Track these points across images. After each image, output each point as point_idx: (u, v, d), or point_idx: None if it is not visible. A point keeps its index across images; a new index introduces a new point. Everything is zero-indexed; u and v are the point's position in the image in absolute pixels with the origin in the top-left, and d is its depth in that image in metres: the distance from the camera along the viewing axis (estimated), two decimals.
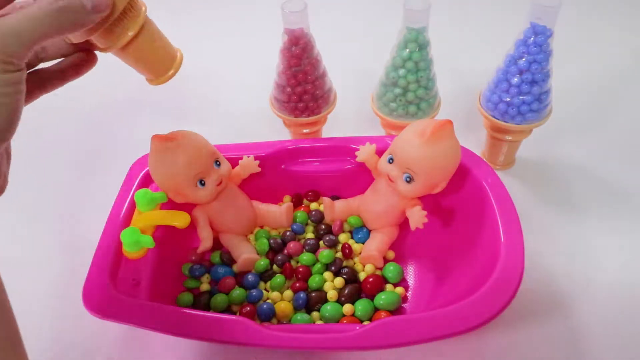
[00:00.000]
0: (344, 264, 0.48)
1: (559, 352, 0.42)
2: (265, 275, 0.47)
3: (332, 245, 0.49)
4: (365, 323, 0.40)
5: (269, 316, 0.44)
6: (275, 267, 0.48)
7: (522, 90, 0.48)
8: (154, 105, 0.73)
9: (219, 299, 0.45)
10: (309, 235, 0.50)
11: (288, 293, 0.46)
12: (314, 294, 0.45)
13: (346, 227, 0.51)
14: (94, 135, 0.70)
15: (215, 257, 0.49)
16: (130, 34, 0.30)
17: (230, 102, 0.72)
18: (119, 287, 0.40)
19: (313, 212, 0.51)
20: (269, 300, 0.45)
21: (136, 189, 0.47)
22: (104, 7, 0.27)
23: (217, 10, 0.91)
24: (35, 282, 0.50)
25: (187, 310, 0.38)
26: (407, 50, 0.49)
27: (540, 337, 0.43)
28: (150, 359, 0.44)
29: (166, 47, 0.33)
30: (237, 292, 0.45)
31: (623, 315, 0.44)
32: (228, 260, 0.48)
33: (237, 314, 0.44)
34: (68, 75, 0.33)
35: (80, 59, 0.33)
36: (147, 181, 0.48)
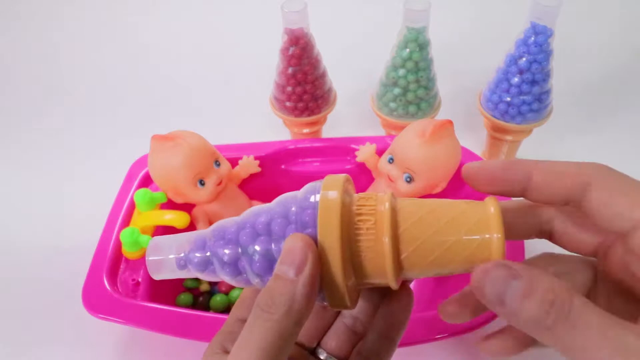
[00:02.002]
0: None
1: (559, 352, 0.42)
2: None
3: None
4: None
5: None
6: None
7: (523, 90, 0.48)
8: (154, 105, 0.73)
9: (219, 299, 0.45)
10: None
11: None
12: None
13: None
14: (94, 135, 0.70)
15: None
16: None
17: (230, 102, 0.72)
18: (119, 287, 0.40)
19: None
20: None
21: (136, 189, 0.47)
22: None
23: (217, 10, 0.91)
24: (35, 282, 0.50)
25: (187, 311, 0.38)
26: (407, 50, 0.49)
27: None
28: (150, 359, 0.44)
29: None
30: (237, 292, 0.45)
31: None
32: None
33: None
34: None
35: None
36: (147, 181, 0.48)
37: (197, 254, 0.23)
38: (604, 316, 0.17)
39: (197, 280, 0.48)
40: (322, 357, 0.25)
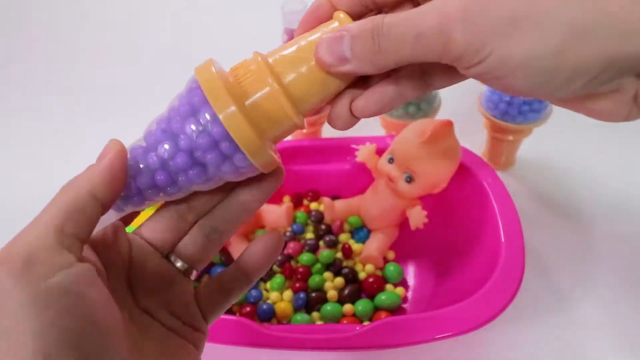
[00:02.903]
0: (344, 264, 0.48)
1: (559, 352, 0.42)
2: (265, 276, 0.47)
3: (332, 245, 0.48)
4: (365, 323, 0.40)
5: (268, 316, 0.43)
6: (275, 267, 0.48)
7: None
8: (154, 105, 0.73)
9: None
10: (309, 235, 0.50)
11: (288, 293, 0.46)
12: (314, 294, 0.45)
13: (346, 227, 0.51)
14: (93, 135, 0.70)
15: (215, 257, 0.49)
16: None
17: None
18: None
19: (313, 212, 0.51)
20: (268, 301, 0.45)
21: None
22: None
23: (217, 10, 0.91)
24: None
25: None
26: None
27: (541, 337, 0.43)
28: None
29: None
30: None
31: (623, 315, 0.44)
32: (228, 260, 0.48)
33: (237, 314, 0.44)
34: None
35: None
36: None
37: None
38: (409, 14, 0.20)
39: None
40: (177, 265, 0.25)
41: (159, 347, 0.23)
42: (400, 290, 0.46)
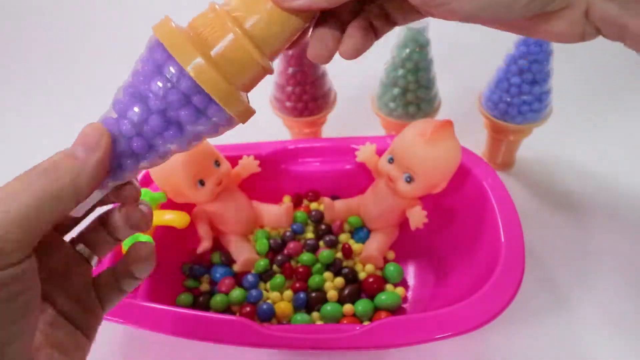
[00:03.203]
0: (344, 264, 0.48)
1: (559, 352, 0.42)
2: (265, 276, 0.47)
3: (332, 245, 0.48)
4: (365, 323, 0.40)
5: (268, 316, 0.43)
6: (275, 267, 0.48)
7: (523, 90, 0.48)
8: None
9: (219, 299, 0.45)
10: (309, 235, 0.50)
11: (288, 293, 0.46)
12: (314, 294, 0.45)
13: (346, 227, 0.51)
14: None
15: (215, 257, 0.49)
16: None
17: None
18: None
19: (313, 212, 0.51)
20: (268, 301, 0.45)
21: None
22: None
23: None
24: None
25: (187, 311, 0.38)
26: (407, 50, 0.49)
27: (540, 337, 0.43)
28: (150, 359, 0.44)
29: None
30: (237, 293, 0.45)
31: (623, 315, 0.44)
32: (228, 260, 0.48)
33: (237, 314, 0.44)
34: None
35: None
36: (147, 181, 0.48)
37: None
38: None
39: (197, 280, 0.48)
40: (78, 248, 0.25)
41: (47, 331, 0.22)
42: (400, 290, 0.46)
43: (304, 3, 0.21)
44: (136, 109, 0.21)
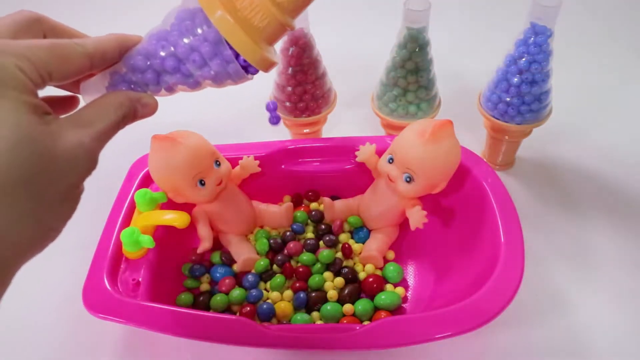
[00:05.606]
0: (344, 264, 0.48)
1: (559, 352, 0.42)
2: (265, 275, 0.47)
3: (332, 245, 0.49)
4: (365, 323, 0.40)
5: (268, 316, 0.43)
6: (275, 267, 0.48)
7: (522, 90, 0.48)
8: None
9: (219, 299, 0.45)
10: (309, 235, 0.50)
11: (288, 293, 0.46)
12: (314, 294, 0.45)
13: (346, 227, 0.51)
14: None
15: (215, 257, 0.49)
16: None
17: (230, 102, 0.72)
18: (119, 287, 0.40)
19: (313, 212, 0.51)
20: (268, 300, 0.45)
21: (136, 189, 0.47)
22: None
23: None
24: (35, 282, 0.50)
25: (187, 310, 0.38)
26: (407, 50, 0.49)
27: (540, 337, 0.43)
28: (150, 359, 0.44)
29: None
30: (237, 292, 0.45)
31: (623, 315, 0.44)
32: (228, 260, 0.48)
33: (237, 314, 0.44)
34: None
35: None
36: (147, 181, 0.48)
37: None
38: None
39: (197, 280, 0.48)
40: None
41: None
42: (400, 290, 0.46)
43: None
44: (186, 40, 0.29)
